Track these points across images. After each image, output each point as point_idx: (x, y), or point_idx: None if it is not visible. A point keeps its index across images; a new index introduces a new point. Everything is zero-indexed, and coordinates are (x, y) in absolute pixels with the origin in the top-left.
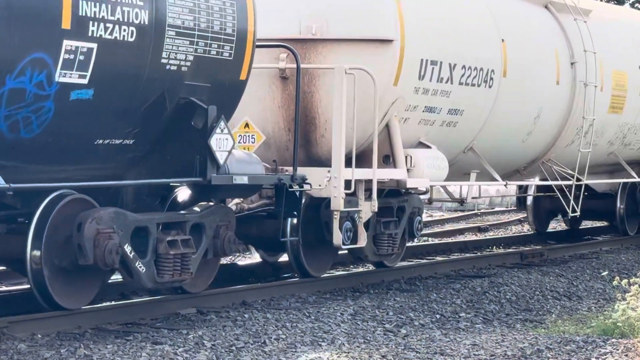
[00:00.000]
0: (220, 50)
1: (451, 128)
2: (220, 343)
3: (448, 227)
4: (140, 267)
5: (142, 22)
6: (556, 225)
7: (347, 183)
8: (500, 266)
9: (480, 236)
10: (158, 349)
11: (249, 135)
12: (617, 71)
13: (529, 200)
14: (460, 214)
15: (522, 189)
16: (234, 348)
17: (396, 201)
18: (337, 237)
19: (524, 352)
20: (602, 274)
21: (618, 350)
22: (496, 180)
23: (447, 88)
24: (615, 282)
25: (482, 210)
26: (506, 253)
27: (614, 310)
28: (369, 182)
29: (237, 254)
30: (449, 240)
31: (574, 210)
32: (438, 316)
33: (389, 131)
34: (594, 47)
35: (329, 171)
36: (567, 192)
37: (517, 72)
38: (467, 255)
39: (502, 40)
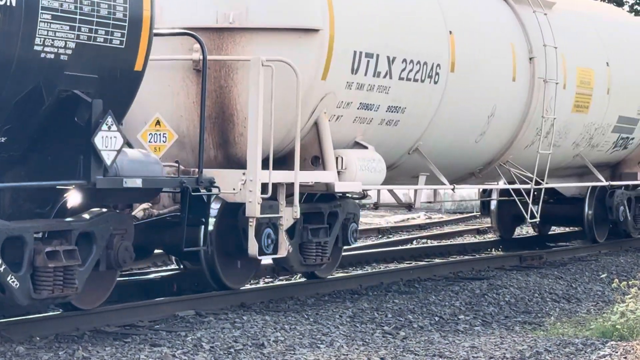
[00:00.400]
0: (109, 37)
1: (392, 127)
2: (218, 345)
3: (447, 229)
4: (12, 281)
5: (8, 4)
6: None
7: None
8: (499, 268)
9: (479, 238)
10: (156, 351)
11: (160, 134)
12: (582, 68)
13: (493, 204)
14: (460, 216)
15: (487, 193)
16: (232, 350)
17: (327, 206)
18: (253, 246)
19: (523, 355)
20: (601, 276)
21: (617, 352)
22: (443, 183)
23: (385, 83)
24: (614, 285)
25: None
26: (505, 255)
27: (613, 312)
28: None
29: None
30: (448, 242)
31: (532, 216)
32: (437, 318)
33: (317, 130)
34: (554, 42)
35: (244, 173)
36: (527, 196)
37: (467, 67)
38: (466, 257)
39: (450, 32)
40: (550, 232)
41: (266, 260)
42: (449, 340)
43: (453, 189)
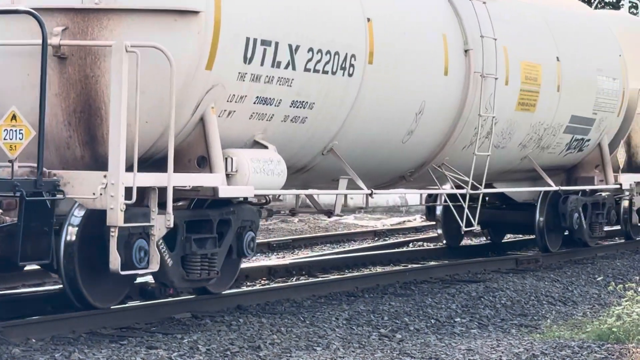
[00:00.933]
0: None
1: (299, 125)
2: (215, 347)
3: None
4: None
5: None
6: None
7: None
8: (495, 271)
9: (475, 241)
10: (153, 353)
11: (16, 130)
12: (528, 62)
13: (439, 210)
14: None
15: (432, 198)
16: (228, 352)
17: (217, 214)
18: (115, 260)
19: (519, 358)
20: (597, 279)
21: (613, 355)
22: (360, 188)
23: (287, 75)
24: (610, 288)
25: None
26: (501, 258)
27: (609, 315)
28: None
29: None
30: (444, 244)
31: (469, 224)
32: (433, 321)
33: (204, 127)
34: (494, 33)
35: (105, 176)
36: (463, 202)
37: (389, 59)
38: (462, 260)
39: (368, 19)
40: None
41: (144, 275)
42: (445, 343)
43: (371, 194)
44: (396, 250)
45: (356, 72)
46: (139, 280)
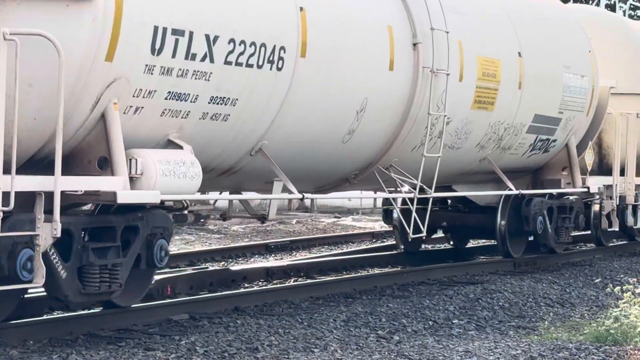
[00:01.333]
0: None
1: (220, 122)
2: (212, 349)
3: (440, 233)
4: None
5: None
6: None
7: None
8: (493, 273)
9: (473, 243)
10: (150, 355)
11: None
12: (485, 57)
13: (395, 214)
14: None
15: (388, 201)
16: (226, 354)
17: (122, 220)
18: None
19: (517, 359)
20: (595, 281)
21: (611, 357)
22: (291, 191)
23: (204, 68)
24: (608, 289)
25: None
26: (499, 260)
27: (607, 317)
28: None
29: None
30: (442, 246)
31: (417, 230)
32: (431, 322)
33: (105, 124)
34: (446, 25)
35: None
36: (411, 206)
37: (325, 52)
38: (460, 261)
39: (301, 8)
40: None
41: (36, 288)
42: (443, 345)
43: (302, 199)
44: (394, 252)
45: (286, 66)
46: (31, 293)
